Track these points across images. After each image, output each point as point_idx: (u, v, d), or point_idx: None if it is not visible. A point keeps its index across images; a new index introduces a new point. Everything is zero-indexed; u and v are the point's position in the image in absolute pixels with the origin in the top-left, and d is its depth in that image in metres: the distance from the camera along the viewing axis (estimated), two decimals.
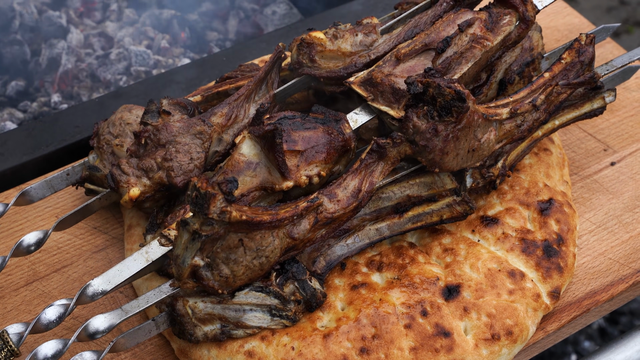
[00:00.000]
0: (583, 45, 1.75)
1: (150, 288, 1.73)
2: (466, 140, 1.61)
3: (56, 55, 2.62)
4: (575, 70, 1.74)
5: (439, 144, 1.59)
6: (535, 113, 1.68)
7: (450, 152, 1.61)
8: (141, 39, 2.72)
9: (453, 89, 1.53)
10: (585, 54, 1.73)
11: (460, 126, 1.58)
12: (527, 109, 1.68)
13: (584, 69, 1.75)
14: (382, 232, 1.71)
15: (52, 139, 2.12)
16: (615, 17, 4.77)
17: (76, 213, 1.75)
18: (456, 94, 1.54)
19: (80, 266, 1.86)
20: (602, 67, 1.87)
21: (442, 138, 1.58)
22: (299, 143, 1.58)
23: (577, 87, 1.74)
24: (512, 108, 1.67)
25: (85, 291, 1.51)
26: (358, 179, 1.61)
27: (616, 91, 1.88)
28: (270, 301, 1.58)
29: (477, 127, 1.62)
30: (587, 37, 1.75)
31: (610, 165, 2.03)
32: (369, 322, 1.60)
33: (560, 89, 1.71)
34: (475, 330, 1.63)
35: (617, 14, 4.82)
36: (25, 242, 1.67)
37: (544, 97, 1.69)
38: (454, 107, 1.55)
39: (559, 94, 1.71)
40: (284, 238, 1.53)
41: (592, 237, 1.88)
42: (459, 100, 1.54)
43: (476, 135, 1.63)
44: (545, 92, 1.68)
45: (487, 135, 1.65)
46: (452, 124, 1.57)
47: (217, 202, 1.37)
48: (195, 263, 1.45)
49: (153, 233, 1.72)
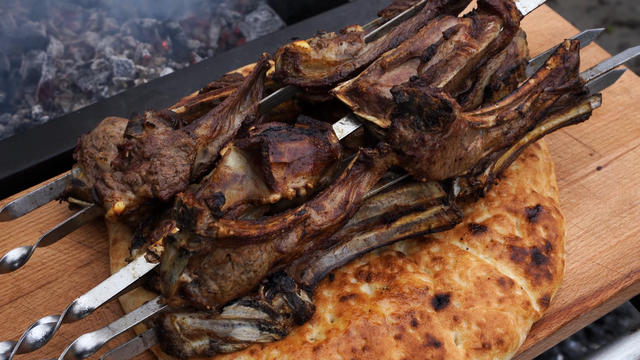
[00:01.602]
0: (568, 51, 1.74)
1: (136, 302, 1.71)
2: (453, 149, 1.61)
3: (36, 66, 2.60)
4: (561, 77, 1.73)
5: (426, 154, 1.58)
6: (522, 120, 1.68)
7: (437, 162, 1.60)
8: (122, 48, 2.70)
9: (439, 98, 1.52)
10: (570, 59, 1.73)
11: (447, 135, 1.57)
12: (513, 116, 1.68)
13: (569, 75, 1.74)
14: (370, 243, 1.70)
15: (34, 153, 2.09)
16: (594, 17, 4.79)
17: (60, 228, 1.73)
18: (442, 103, 1.53)
19: (65, 281, 1.84)
20: (587, 73, 1.87)
21: (429, 147, 1.57)
22: (285, 155, 1.57)
23: (562, 93, 1.74)
24: (499, 116, 1.67)
25: (72, 309, 1.49)
26: (345, 190, 1.59)
27: (602, 96, 1.88)
28: (259, 315, 1.56)
29: (463, 136, 1.61)
30: (572, 42, 1.75)
31: (596, 170, 2.03)
32: (359, 333, 1.59)
33: (546, 95, 1.71)
34: (465, 340, 1.62)
35: (596, 13, 4.84)
36: (8, 259, 1.65)
37: (529, 104, 1.68)
38: (441, 116, 1.54)
39: (544, 101, 1.71)
40: (271, 252, 1.51)
41: (580, 243, 1.87)
42: (446, 110, 1.53)
43: (463, 143, 1.62)
44: (531, 99, 1.68)
45: (473, 144, 1.64)
46: (439, 133, 1.56)
47: (204, 218, 1.35)
48: (183, 280, 1.43)
49: (139, 247, 1.70)
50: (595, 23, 4.73)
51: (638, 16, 4.80)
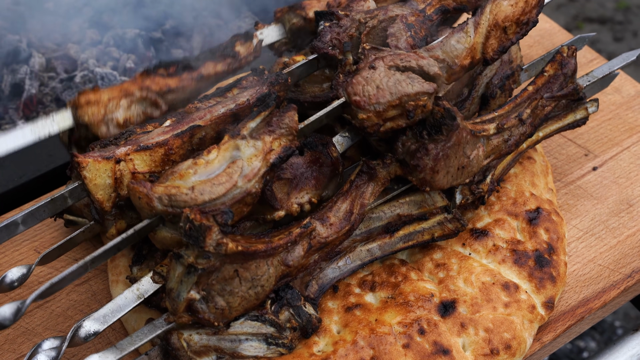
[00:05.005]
0: (565, 57, 1.75)
1: (138, 319, 1.70)
2: (456, 158, 1.60)
3: (19, 80, 2.56)
4: (559, 83, 1.74)
5: (430, 163, 1.57)
6: (522, 127, 1.68)
7: (440, 171, 1.60)
8: (106, 59, 2.67)
9: (442, 107, 1.52)
10: (568, 66, 1.73)
11: (450, 144, 1.57)
12: (513, 123, 1.68)
13: (567, 81, 1.75)
14: (373, 253, 1.69)
15: (26, 170, 2.06)
16: (564, 14, 4.82)
17: (60, 247, 1.70)
18: (446, 112, 1.53)
19: (63, 300, 1.82)
20: (584, 78, 1.87)
21: (432, 157, 1.57)
22: (287, 171, 1.56)
23: (561, 100, 1.74)
24: (499, 123, 1.67)
25: (78, 333, 1.47)
26: (349, 201, 1.59)
27: (598, 101, 1.89)
28: (266, 330, 1.55)
29: (465, 144, 1.61)
30: (569, 49, 1.76)
31: (592, 170, 2.04)
32: (367, 343, 1.58)
33: (545, 102, 1.71)
34: (473, 346, 1.62)
35: (567, 10, 4.87)
36: (8, 278, 1.61)
37: (529, 111, 1.69)
38: (444, 125, 1.54)
39: (544, 107, 1.71)
40: (278, 266, 1.50)
41: (580, 244, 1.88)
42: (449, 118, 1.53)
43: (465, 152, 1.62)
44: (530, 106, 1.68)
45: (475, 152, 1.64)
46: (442, 142, 1.56)
47: (212, 234, 1.34)
48: (192, 297, 1.42)
49: (140, 265, 1.68)
50: (566, 20, 4.77)
51: (608, 12, 4.84)
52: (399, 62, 1.49)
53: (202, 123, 1.52)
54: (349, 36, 1.67)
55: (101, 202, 1.52)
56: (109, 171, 1.49)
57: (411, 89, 1.48)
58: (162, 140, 1.52)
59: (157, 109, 1.65)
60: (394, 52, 1.52)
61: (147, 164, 1.50)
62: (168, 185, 1.39)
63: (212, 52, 1.74)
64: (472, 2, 1.74)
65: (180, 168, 1.41)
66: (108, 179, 1.50)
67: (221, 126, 1.52)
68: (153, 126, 1.58)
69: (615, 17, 4.80)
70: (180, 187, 1.39)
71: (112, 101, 1.62)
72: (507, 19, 1.57)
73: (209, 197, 1.39)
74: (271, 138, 1.44)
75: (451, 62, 1.57)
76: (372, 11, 1.71)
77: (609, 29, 4.72)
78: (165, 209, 1.40)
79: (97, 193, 1.51)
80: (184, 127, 1.52)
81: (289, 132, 1.47)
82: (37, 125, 1.61)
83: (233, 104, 1.54)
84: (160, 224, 1.46)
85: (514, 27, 1.58)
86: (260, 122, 1.45)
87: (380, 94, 1.47)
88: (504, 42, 1.56)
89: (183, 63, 1.71)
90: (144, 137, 1.53)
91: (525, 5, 1.57)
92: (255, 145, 1.42)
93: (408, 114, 1.48)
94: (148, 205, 1.40)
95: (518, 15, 1.58)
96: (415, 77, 1.49)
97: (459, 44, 1.57)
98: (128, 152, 1.51)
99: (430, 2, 1.74)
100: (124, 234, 1.45)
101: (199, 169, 1.41)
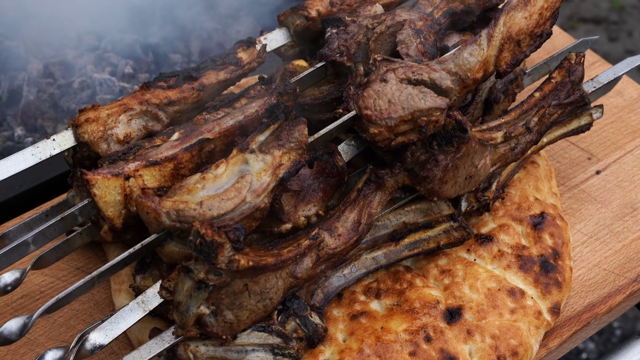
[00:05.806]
0: (573, 64, 1.74)
1: (142, 328, 1.69)
2: (464, 168, 1.59)
3: (17, 86, 2.55)
4: (566, 90, 1.72)
5: (439, 174, 1.56)
6: (529, 135, 1.67)
7: (449, 181, 1.59)
8: (104, 65, 2.66)
9: (454, 119, 1.51)
10: (576, 73, 1.72)
11: (460, 155, 1.56)
12: (520, 131, 1.67)
13: (574, 88, 1.73)
14: (378, 261, 1.69)
15: (26, 178, 2.05)
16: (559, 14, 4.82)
17: (56, 249, 1.68)
18: (457, 124, 1.51)
19: (65, 310, 1.81)
20: (589, 84, 1.86)
21: (442, 168, 1.56)
22: (294, 183, 1.55)
23: (568, 107, 1.73)
24: (507, 132, 1.66)
25: (84, 346, 1.45)
26: (357, 211, 1.58)
27: (603, 107, 1.88)
28: (272, 340, 1.54)
29: (474, 154, 1.60)
30: (577, 56, 1.74)
31: (595, 174, 2.03)
32: (373, 352, 1.58)
33: (552, 109, 1.70)
34: (480, 353, 1.62)
35: (561, 10, 4.87)
36: (1, 282, 1.59)
37: (537, 119, 1.67)
38: (455, 137, 1.52)
39: (551, 115, 1.70)
40: (287, 278, 1.49)
41: (585, 249, 1.88)
42: (461, 131, 1.51)
43: (474, 162, 1.61)
44: (538, 114, 1.67)
45: (483, 161, 1.63)
46: (452, 154, 1.55)
47: (225, 251, 1.32)
48: (202, 312, 1.40)
49: (143, 273, 1.67)
50: (561, 20, 4.77)
51: (602, 12, 4.84)
52: (411, 75, 1.48)
53: (211, 136, 1.51)
54: (356, 43, 1.66)
55: (112, 219, 1.51)
56: (119, 188, 1.48)
57: (424, 104, 1.46)
58: (170, 155, 1.51)
59: (158, 123, 1.64)
60: (406, 64, 1.51)
61: (156, 179, 1.49)
62: (176, 200, 1.38)
63: (213, 60, 1.73)
64: (480, 4, 1.73)
65: (188, 182, 1.40)
66: (118, 196, 1.49)
67: (230, 138, 1.51)
68: (161, 139, 1.57)
69: (609, 17, 4.80)
70: (189, 202, 1.38)
71: (111, 117, 1.61)
72: (521, 31, 1.56)
73: (218, 213, 1.37)
74: (280, 152, 1.43)
75: (463, 75, 1.56)
76: (380, 16, 1.70)
77: (604, 29, 4.73)
78: (173, 224, 1.39)
79: (107, 210, 1.50)
80: (193, 140, 1.51)
81: (299, 146, 1.46)
82: (38, 148, 1.60)
83: (241, 116, 1.53)
84: (167, 238, 1.45)
85: (528, 39, 1.57)
86: (269, 136, 1.44)
87: (392, 108, 1.46)
88: (518, 55, 1.56)
89: (184, 74, 1.70)
90: (152, 151, 1.52)
91: (540, 17, 1.56)
92: (265, 160, 1.41)
93: (420, 129, 1.47)
94: (156, 220, 1.38)
95: (532, 28, 1.57)
96: (427, 91, 1.47)
97: (472, 56, 1.56)
98: (137, 168, 1.50)
99: (437, 5, 1.73)
100: (132, 248, 1.44)
101: (207, 184, 1.40)
